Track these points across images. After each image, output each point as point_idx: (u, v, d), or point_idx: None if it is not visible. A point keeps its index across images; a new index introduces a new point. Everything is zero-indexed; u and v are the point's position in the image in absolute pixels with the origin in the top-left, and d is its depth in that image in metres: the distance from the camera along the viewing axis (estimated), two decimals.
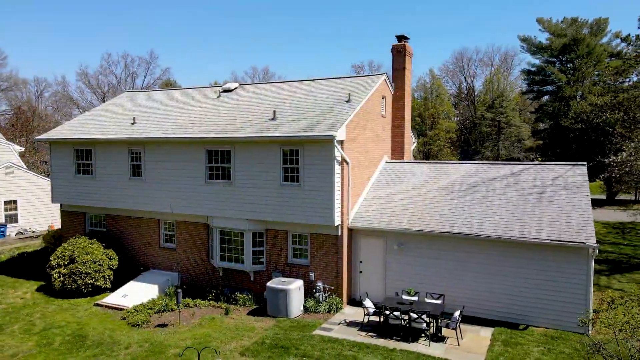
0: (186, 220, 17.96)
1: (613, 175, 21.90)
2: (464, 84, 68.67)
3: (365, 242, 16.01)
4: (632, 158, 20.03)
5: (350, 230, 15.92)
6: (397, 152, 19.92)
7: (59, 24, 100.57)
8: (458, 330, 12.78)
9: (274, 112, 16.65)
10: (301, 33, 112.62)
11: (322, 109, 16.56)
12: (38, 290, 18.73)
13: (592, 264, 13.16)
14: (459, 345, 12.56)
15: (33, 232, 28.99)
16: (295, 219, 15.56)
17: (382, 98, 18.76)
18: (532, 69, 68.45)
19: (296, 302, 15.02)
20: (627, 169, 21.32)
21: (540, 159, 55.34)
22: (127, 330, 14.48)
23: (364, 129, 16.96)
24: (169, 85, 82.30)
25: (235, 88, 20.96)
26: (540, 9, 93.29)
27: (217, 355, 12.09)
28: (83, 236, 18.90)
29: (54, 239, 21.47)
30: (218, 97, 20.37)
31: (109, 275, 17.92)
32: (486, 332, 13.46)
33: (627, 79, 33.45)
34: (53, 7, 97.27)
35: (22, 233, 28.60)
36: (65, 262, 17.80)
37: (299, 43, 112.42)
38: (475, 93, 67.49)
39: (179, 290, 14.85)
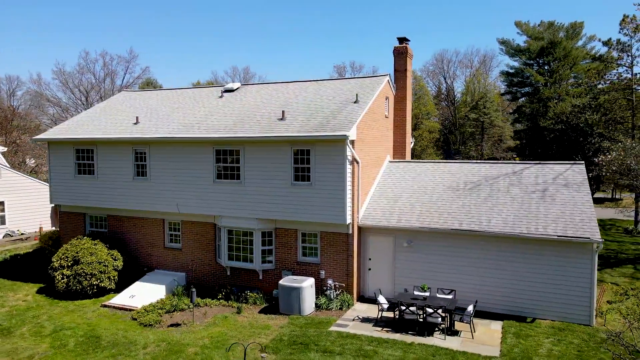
0: (193, 220, 17.95)
1: (602, 174, 22.81)
2: (444, 85, 69.93)
3: (373, 240, 16.33)
4: (621, 157, 20.90)
5: (359, 228, 16.21)
6: (399, 151, 20.33)
7: (33, 20, 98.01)
8: (471, 324, 13.21)
9: (283, 112, 16.82)
10: (282, 33, 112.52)
11: (330, 109, 16.81)
12: (39, 292, 18.43)
13: (596, 258, 13.78)
14: (473, 338, 13.00)
15: (22, 234, 28.33)
16: (306, 218, 15.77)
17: (386, 99, 19.13)
18: (511, 71, 70.27)
19: (309, 299, 15.23)
20: (614, 168, 22.23)
21: (517, 159, 56.80)
22: (140, 331, 14.45)
23: (371, 129, 17.28)
24: (150, 84, 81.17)
25: (237, 88, 21.02)
26: (518, 12, 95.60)
27: (264, 350, 12.29)
28: (86, 237, 18.68)
29: (51, 240, 21.11)
30: (221, 97, 20.40)
31: (113, 276, 17.78)
32: (496, 326, 13.94)
33: (607, 82, 34.66)
34: (25, 2, 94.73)
35: (10, 235, 27.92)
36: (69, 264, 17.57)
37: (280, 43, 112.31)
38: (455, 94, 68.83)
39: (193, 290, 14.89)
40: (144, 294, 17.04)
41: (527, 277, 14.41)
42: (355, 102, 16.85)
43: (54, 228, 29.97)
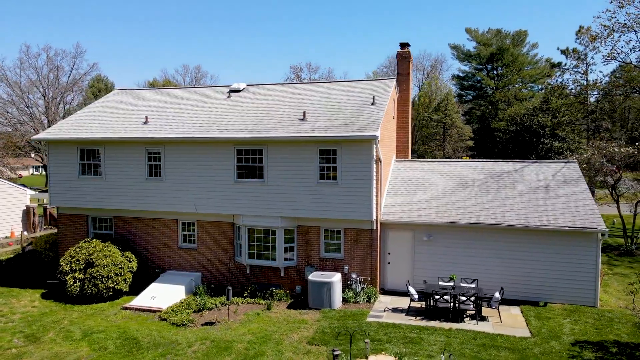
0: (209, 219, 17.98)
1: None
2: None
3: (393, 235, 17.17)
4: (594, 156, 23.08)
5: (380, 224, 16.99)
6: (401, 151, 21.33)
7: None
8: (499, 309, 14.36)
9: (304, 113, 17.28)
10: (235, 33, 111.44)
11: (349, 110, 17.47)
12: (45, 297, 17.78)
13: (600, 246, 15.38)
14: (501, 322, 14.14)
15: None
16: (332, 215, 16.33)
17: (392, 101, 20.05)
18: (462, 75, 74.03)
19: (338, 293, 15.82)
20: (584, 166, 24.43)
21: (465, 158, 60.07)
22: (175, 330, 14.44)
23: (385, 129, 18.12)
24: (101, 81, 77.85)
25: (244, 89, 21.18)
26: (468, 19, 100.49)
27: (367, 336, 12.72)
28: (95, 239, 18.19)
29: (48, 244, 20.26)
30: (228, 97, 20.49)
31: (129, 279, 17.49)
32: (516, 310, 15.20)
33: (566, 88, 37.70)
34: None
35: None
36: (81, 267, 17.10)
37: (232, 43, 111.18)
38: (410, 96, 71.66)
39: (229, 288, 15.05)
40: (164, 295, 16.92)
41: (539, 265, 15.79)
42: (372, 104, 17.61)
43: (26, 233, 28.51)
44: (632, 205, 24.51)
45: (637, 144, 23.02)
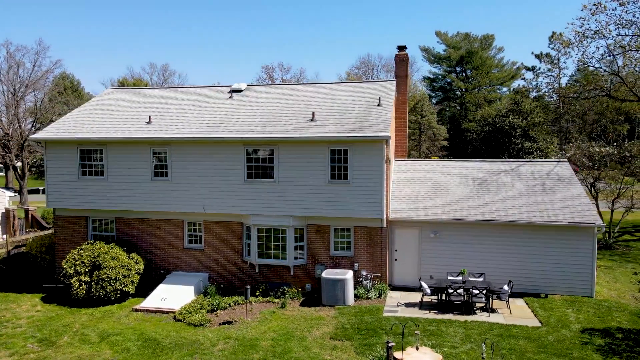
0: (216, 219, 17.98)
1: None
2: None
3: (400, 232, 17.68)
4: (576, 156, 24.42)
5: (388, 222, 17.47)
6: (399, 151, 21.91)
7: None
8: (508, 301, 15.09)
9: (313, 113, 17.56)
10: (203, 31, 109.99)
11: (357, 111, 17.87)
12: (46, 301, 17.35)
13: (596, 240, 16.38)
14: (511, 313, 14.87)
15: None
16: (343, 214, 16.68)
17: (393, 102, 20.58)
18: (432, 77, 75.92)
19: (351, 290, 16.18)
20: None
21: (434, 157, 61.78)
22: (194, 331, 14.44)
23: (390, 130, 18.61)
24: (65, 78, 75.20)
25: (244, 89, 21.24)
26: (437, 22, 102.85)
27: (417, 327, 13.05)
28: (98, 241, 17.86)
29: (44, 247, 19.67)
30: (230, 97, 20.51)
31: (136, 280, 17.30)
32: (520, 302, 15.99)
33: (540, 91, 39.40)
34: None
35: None
36: (86, 269, 16.79)
37: (202, 41, 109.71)
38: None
39: (248, 287, 15.15)
40: (174, 296, 16.82)
41: (540, 259, 16.65)
42: (378, 105, 18.08)
43: (5, 236, 27.43)
44: (609, 202, 26.00)
45: (614, 144, 24.52)
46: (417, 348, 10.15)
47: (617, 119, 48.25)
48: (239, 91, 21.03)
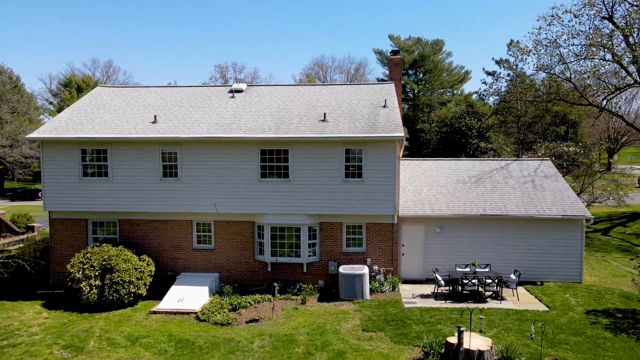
0: (228, 219, 18.01)
1: None
2: None
3: (406, 228, 18.55)
4: (547, 154, 26.51)
5: (398, 218, 18.29)
6: None
7: None
8: (516, 289, 16.35)
9: (324, 114, 18.03)
10: (150, 29, 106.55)
11: (365, 112, 18.53)
12: (51, 308, 16.71)
13: (584, 231, 18.06)
14: (519, 300, 16.12)
15: None
16: (357, 211, 17.30)
17: None
18: (385, 79, 78.16)
19: (367, 285, 16.81)
20: None
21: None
22: (222, 330, 14.51)
23: None
24: (3, 73, 70.24)
25: (245, 89, 21.32)
26: (390, 25, 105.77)
27: (481, 312, 13.80)
28: (105, 244, 17.35)
29: (38, 252, 18.75)
30: (233, 97, 20.52)
31: (148, 283, 17.02)
32: (522, 290, 17.31)
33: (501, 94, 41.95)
34: None
35: None
36: (96, 273, 16.33)
37: (148, 39, 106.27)
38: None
39: (275, 285, 15.43)
40: (189, 296, 16.72)
41: (536, 249, 18.09)
42: (384, 107, 18.86)
43: None
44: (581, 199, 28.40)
45: (579, 144, 26.87)
46: (481, 331, 10.92)
47: (555, 121, 52.32)
48: (240, 91, 21.07)
